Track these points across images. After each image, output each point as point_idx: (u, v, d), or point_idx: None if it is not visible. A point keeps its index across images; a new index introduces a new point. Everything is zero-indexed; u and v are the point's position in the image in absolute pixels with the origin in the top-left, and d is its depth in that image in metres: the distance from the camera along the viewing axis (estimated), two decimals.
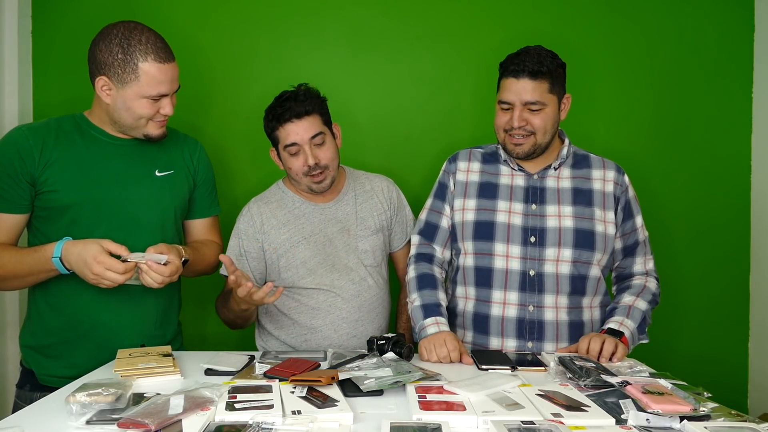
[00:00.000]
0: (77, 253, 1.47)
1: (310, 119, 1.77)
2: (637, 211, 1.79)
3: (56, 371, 1.63)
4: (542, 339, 1.70)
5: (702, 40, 2.40)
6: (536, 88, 1.65)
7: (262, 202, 1.90)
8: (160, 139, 1.64)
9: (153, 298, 1.69)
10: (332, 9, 2.36)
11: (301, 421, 1.11)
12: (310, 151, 1.77)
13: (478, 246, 1.74)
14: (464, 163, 1.83)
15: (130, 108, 1.54)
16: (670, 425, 1.13)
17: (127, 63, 1.48)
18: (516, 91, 1.67)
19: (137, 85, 1.49)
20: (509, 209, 1.73)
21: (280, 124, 1.78)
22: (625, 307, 1.70)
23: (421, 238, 1.86)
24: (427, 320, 1.70)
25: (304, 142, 1.76)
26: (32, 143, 1.57)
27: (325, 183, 1.82)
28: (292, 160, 1.80)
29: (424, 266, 1.82)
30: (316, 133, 1.77)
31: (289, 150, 1.79)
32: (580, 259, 1.70)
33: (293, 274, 1.83)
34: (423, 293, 1.76)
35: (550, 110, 1.68)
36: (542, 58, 1.66)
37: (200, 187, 1.83)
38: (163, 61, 1.51)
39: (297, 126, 1.76)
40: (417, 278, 1.80)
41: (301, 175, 1.81)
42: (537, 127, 1.68)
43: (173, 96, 1.61)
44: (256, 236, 1.85)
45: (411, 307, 1.78)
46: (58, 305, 1.63)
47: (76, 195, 1.59)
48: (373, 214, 1.92)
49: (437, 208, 1.85)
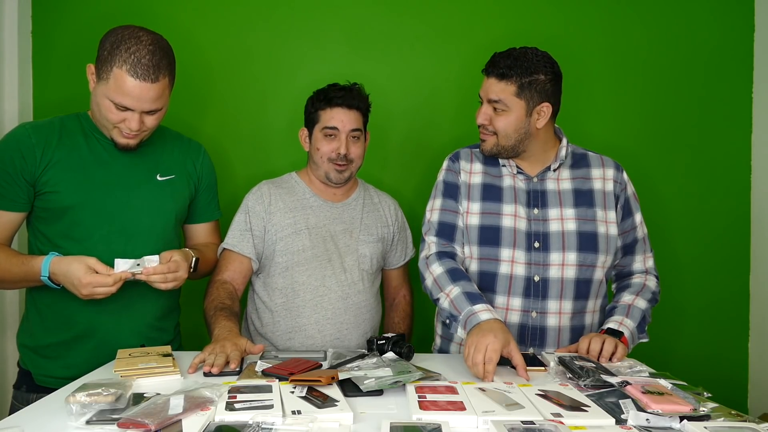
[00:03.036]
0: (63, 274, 1.47)
1: (356, 114, 1.86)
2: (636, 209, 1.78)
3: (53, 372, 1.62)
4: (543, 345, 1.69)
5: (702, 40, 2.41)
6: (503, 89, 1.64)
7: (273, 185, 1.94)
8: (124, 149, 1.60)
9: (151, 301, 1.69)
10: (332, 9, 2.36)
11: (301, 421, 1.11)
12: (345, 140, 1.84)
13: (483, 251, 1.70)
14: (467, 164, 1.79)
15: (99, 105, 1.54)
16: (670, 425, 1.13)
17: (106, 62, 1.48)
18: (484, 88, 1.70)
19: (106, 86, 1.49)
20: (515, 213, 1.70)
21: (329, 106, 1.85)
22: (625, 307, 1.69)
23: (440, 240, 1.75)
24: (477, 306, 1.55)
25: (344, 130, 1.84)
26: (34, 142, 1.56)
27: (344, 175, 1.88)
28: (324, 143, 1.85)
29: (451, 262, 1.70)
30: (356, 128, 1.86)
31: (326, 132, 1.85)
32: (584, 263, 1.68)
33: (287, 260, 1.84)
34: (461, 284, 1.63)
35: (514, 115, 1.65)
36: (518, 62, 1.62)
37: (203, 193, 1.83)
38: (136, 77, 1.47)
39: (344, 114, 1.84)
40: (448, 272, 1.66)
41: (326, 160, 1.86)
42: (498, 128, 1.68)
43: (146, 115, 1.54)
44: (262, 215, 1.87)
45: (449, 300, 1.62)
46: (56, 306, 1.62)
47: (77, 197, 1.58)
48: (377, 224, 1.96)
49: (450, 207, 1.76)
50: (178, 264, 1.56)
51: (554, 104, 1.69)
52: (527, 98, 1.65)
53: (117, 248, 1.59)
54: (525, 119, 1.66)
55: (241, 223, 1.88)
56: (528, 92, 1.64)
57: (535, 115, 1.67)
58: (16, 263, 1.54)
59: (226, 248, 1.87)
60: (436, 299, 1.70)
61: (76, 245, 1.58)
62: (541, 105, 1.66)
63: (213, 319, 1.67)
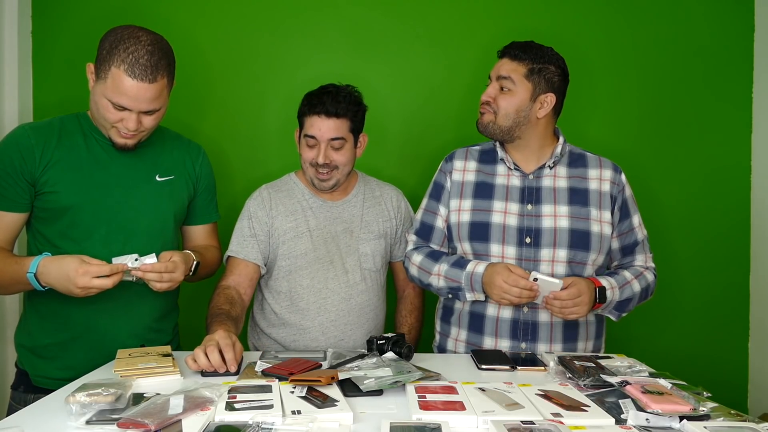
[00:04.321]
0: (56, 269, 1.44)
1: (338, 122, 1.80)
2: (635, 210, 1.79)
3: (50, 373, 1.62)
4: (536, 340, 1.70)
5: (702, 40, 2.41)
6: (514, 68, 1.69)
7: (273, 189, 1.94)
8: (122, 149, 1.60)
9: (149, 302, 1.68)
10: (331, 9, 2.36)
11: (301, 421, 1.11)
12: (324, 149, 1.81)
13: (473, 247, 1.74)
14: (461, 162, 1.82)
15: (97, 104, 1.53)
16: (670, 425, 1.14)
17: (106, 61, 1.48)
18: (495, 68, 1.75)
19: (104, 85, 1.49)
20: (505, 210, 1.73)
21: (309, 113, 1.82)
22: (623, 280, 1.72)
23: (418, 239, 1.86)
24: (469, 266, 1.68)
25: (322, 139, 1.80)
26: (34, 143, 1.56)
27: (328, 183, 1.85)
28: (306, 150, 1.85)
29: (428, 249, 1.82)
30: (336, 137, 1.80)
31: (306, 140, 1.83)
32: (575, 260, 1.69)
33: (290, 264, 1.84)
34: (444, 259, 1.75)
35: (519, 97, 1.69)
36: (533, 49, 1.70)
37: (201, 195, 1.82)
38: (133, 77, 1.47)
39: (323, 123, 1.79)
40: (428, 256, 1.79)
41: (308, 166, 1.86)
42: (500, 106, 1.71)
43: (144, 115, 1.54)
44: (265, 219, 1.87)
45: (442, 278, 1.73)
46: (54, 306, 1.61)
47: (76, 197, 1.58)
48: (378, 219, 1.94)
49: (432, 208, 1.84)
50: (176, 265, 1.55)
51: (558, 99, 1.72)
52: (535, 83, 1.69)
53: (115, 248, 1.58)
54: (528, 103, 1.70)
55: (244, 229, 1.87)
56: (537, 77, 1.69)
57: (538, 104, 1.70)
58: (9, 262, 1.53)
59: (230, 255, 1.86)
60: (427, 284, 1.79)
61: (75, 245, 1.57)
62: (546, 94, 1.70)
63: (209, 328, 1.64)
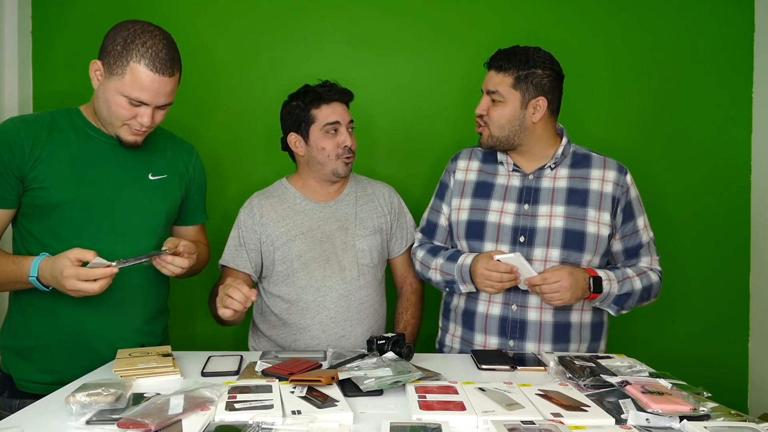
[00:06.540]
0: (49, 272, 1.41)
1: (346, 107, 1.91)
2: (640, 212, 1.77)
3: (34, 376, 1.57)
4: (524, 338, 1.71)
5: (702, 40, 2.41)
6: (500, 81, 1.70)
7: (264, 196, 1.95)
8: (131, 146, 1.58)
9: (140, 304, 1.65)
10: (332, 9, 2.36)
11: (301, 421, 1.11)
12: (347, 133, 1.87)
13: (470, 245, 1.77)
14: (464, 162, 1.86)
15: (108, 101, 1.50)
16: (670, 425, 1.13)
17: (121, 56, 1.46)
18: (485, 81, 1.76)
19: (121, 81, 1.46)
20: (501, 209, 1.74)
21: (323, 102, 1.85)
22: (623, 275, 1.71)
23: (423, 236, 1.92)
24: (459, 259, 1.74)
25: (344, 122, 1.87)
26: (23, 137, 1.51)
27: (350, 167, 1.91)
28: (328, 140, 1.86)
29: (430, 245, 1.89)
30: (351, 119, 1.90)
31: (327, 129, 1.85)
32: (568, 260, 1.69)
33: (287, 267, 1.85)
34: (441, 254, 1.81)
35: (510, 106, 1.70)
36: (517, 56, 1.69)
37: (194, 195, 1.80)
38: (155, 71, 1.46)
39: (340, 107, 1.87)
40: (429, 252, 1.86)
41: (333, 157, 1.87)
42: (492, 118, 1.72)
43: (157, 110, 1.53)
44: (254, 228, 1.88)
45: (438, 271, 1.80)
46: (41, 306, 1.57)
47: (65, 194, 1.53)
48: (372, 216, 1.95)
49: (436, 207, 1.89)
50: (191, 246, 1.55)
51: (551, 101, 1.72)
52: (523, 90, 1.69)
53: (105, 247, 1.50)
54: (520, 111, 1.70)
55: (235, 239, 1.91)
56: (524, 84, 1.69)
57: (531, 109, 1.71)
58: (5, 262, 1.49)
59: (223, 264, 1.91)
60: (428, 279, 1.85)
61: (64, 243, 1.49)
62: (536, 99, 1.70)
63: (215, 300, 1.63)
